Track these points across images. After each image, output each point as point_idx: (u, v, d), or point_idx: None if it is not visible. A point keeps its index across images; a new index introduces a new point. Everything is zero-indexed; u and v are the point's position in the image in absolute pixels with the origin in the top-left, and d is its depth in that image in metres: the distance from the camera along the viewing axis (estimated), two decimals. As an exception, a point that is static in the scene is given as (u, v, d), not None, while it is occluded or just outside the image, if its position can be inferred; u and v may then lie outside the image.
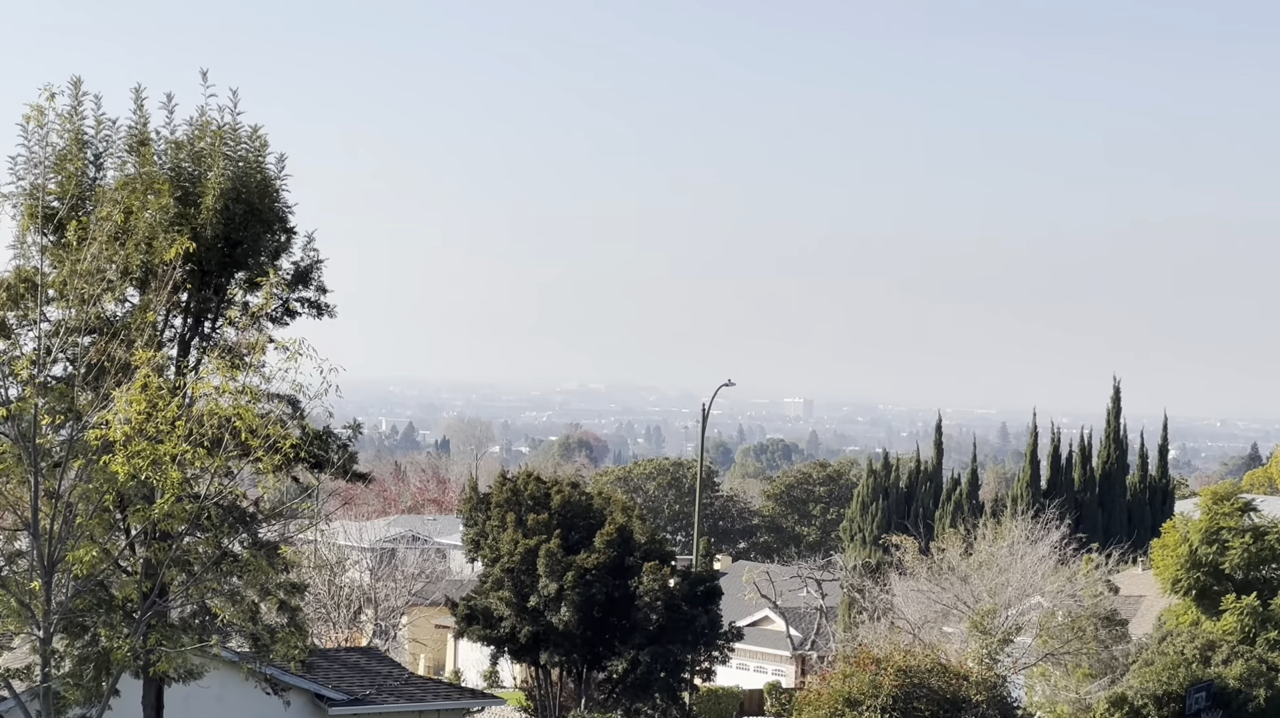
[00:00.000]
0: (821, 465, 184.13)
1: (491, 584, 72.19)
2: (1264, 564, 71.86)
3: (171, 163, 43.20)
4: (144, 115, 43.54)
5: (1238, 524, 72.29)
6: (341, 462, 44.76)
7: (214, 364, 35.15)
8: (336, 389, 34.07)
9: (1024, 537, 72.59)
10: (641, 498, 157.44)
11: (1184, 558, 71.87)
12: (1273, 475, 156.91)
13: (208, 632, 41.58)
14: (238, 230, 42.90)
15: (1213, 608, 71.12)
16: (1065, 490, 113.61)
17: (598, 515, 73.74)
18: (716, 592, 74.60)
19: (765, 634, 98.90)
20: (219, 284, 43.37)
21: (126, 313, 40.57)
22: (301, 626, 44.91)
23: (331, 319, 45.34)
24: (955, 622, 70.21)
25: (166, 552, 37.34)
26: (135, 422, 33.22)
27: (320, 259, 45.09)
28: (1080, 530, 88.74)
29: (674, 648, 71.62)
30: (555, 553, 70.60)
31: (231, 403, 34.43)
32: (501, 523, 72.78)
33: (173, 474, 33.81)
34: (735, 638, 75.94)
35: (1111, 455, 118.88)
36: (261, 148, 43.74)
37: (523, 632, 71.43)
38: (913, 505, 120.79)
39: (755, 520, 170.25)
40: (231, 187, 42.71)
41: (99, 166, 42.78)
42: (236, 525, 41.54)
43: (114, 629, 38.00)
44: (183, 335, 43.46)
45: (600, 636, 71.95)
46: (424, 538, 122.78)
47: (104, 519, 36.42)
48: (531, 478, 76.05)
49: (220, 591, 41.62)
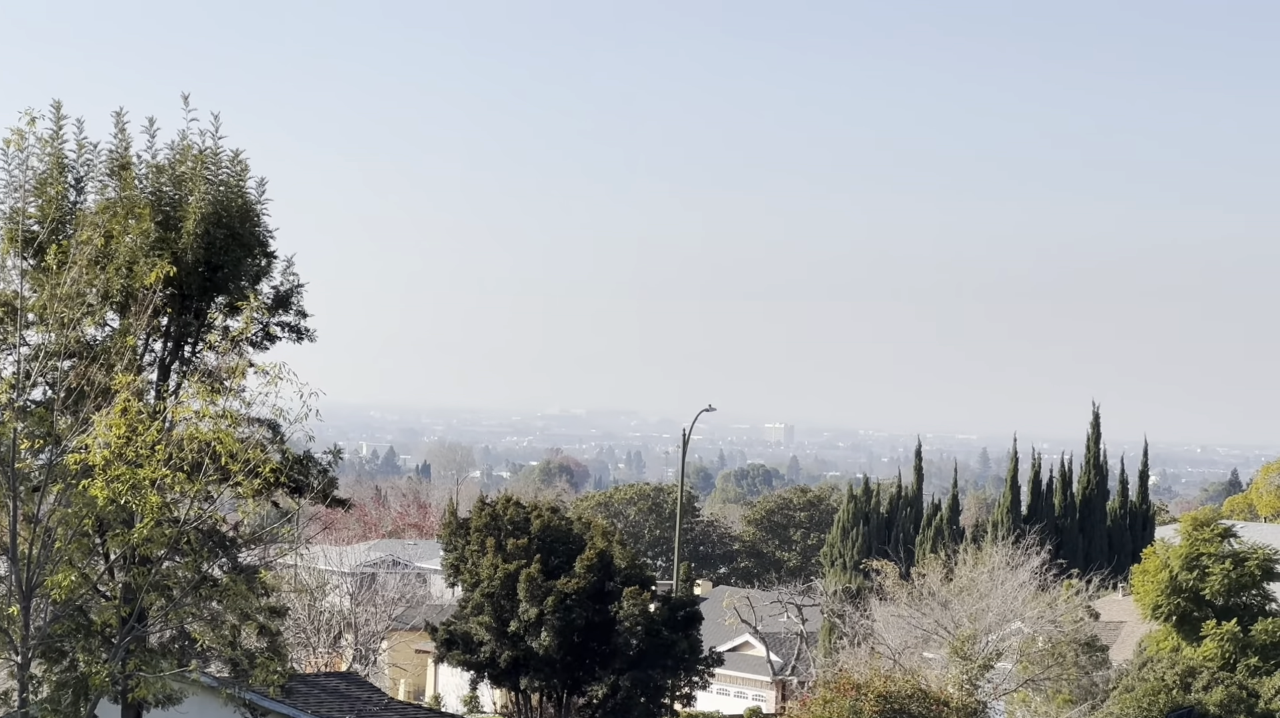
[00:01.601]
0: (802, 491, 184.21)
1: (471, 609, 72.10)
2: (1244, 590, 71.84)
3: (152, 187, 43.15)
4: (125, 139, 43.49)
5: (1218, 550, 72.29)
6: (322, 486, 44.69)
7: (194, 388, 35.21)
8: (317, 414, 34.13)
9: (1004, 562, 72.65)
10: (622, 523, 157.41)
11: (1164, 584, 71.88)
12: (1253, 501, 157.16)
13: (187, 657, 41.47)
14: (218, 255, 42.85)
15: (1193, 634, 71.12)
16: (1046, 516, 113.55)
17: (578, 541, 73.70)
18: (697, 617, 74.57)
19: (746, 660, 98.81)
20: (199, 308, 43.29)
21: (106, 337, 40.49)
22: (281, 650, 44.77)
23: (312, 344, 45.29)
24: (936, 647, 70.21)
25: (146, 576, 37.26)
26: (115, 446, 33.21)
27: (300, 284, 45.05)
28: (1061, 556, 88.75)
29: (654, 673, 71.58)
30: (535, 578, 70.53)
31: (211, 427, 34.44)
32: (481, 548, 72.71)
33: (152, 499, 33.78)
34: (716, 663, 75.89)
35: (1092, 481, 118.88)
36: (242, 172, 43.72)
37: (503, 657, 71.34)
38: (893, 531, 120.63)
39: (736, 546, 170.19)
40: (212, 211, 42.67)
41: (80, 190, 42.71)
42: (216, 550, 41.46)
43: (93, 654, 37.89)
44: (163, 360, 43.37)
45: (580, 661, 71.88)
46: (404, 563, 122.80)
47: (83, 544, 36.35)
48: (511, 503, 76.01)
49: (200, 615, 41.55)
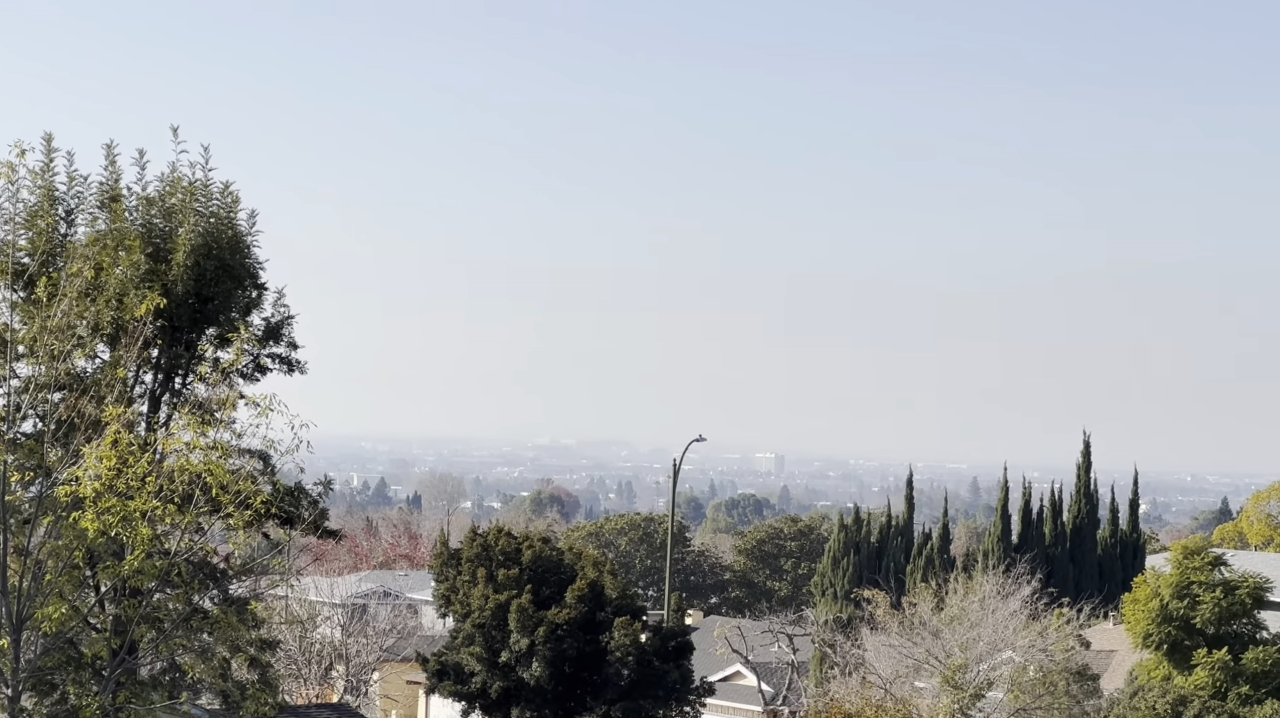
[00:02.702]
0: (793, 520, 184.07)
1: (463, 640, 72.01)
2: (1235, 619, 71.91)
3: (143, 219, 43.26)
4: (116, 171, 43.63)
5: (1209, 579, 72.36)
6: (312, 518, 44.76)
7: (185, 420, 35.16)
8: (307, 445, 34.13)
9: (995, 591, 72.65)
10: (613, 553, 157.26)
11: (1155, 613, 71.93)
12: (1243, 530, 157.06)
13: (178, 689, 41.40)
14: (209, 286, 42.93)
15: (1184, 663, 71.16)
16: (1036, 545, 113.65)
17: (569, 571, 73.63)
18: (688, 647, 74.48)
19: (737, 689, 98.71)
20: (190, 340, 43.35)
21: (97, 369, 40.49)
22: (272, 682, 44.74)
23: (303, 375, 45.39)
24: (927, 677, 70.20)
25: (136, 608, 37.23)
26: (105, 478, 33.20)
27: (291, 315, 45.18)
28: (1051, 585, 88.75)
29: (645, 704, 71.45)
30: (526, 608, 70.46)
31: (202, 459, 34.43)
32: (473, 578, 72.63)
33: (143, 531, 33.78)
34: (707, 693, 75.80)
35: (1082, 510, 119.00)
36: (233, 204, 43.84)
37: (494, 687, 71.23)
38: (884, 560, 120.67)
39: (727, 575, 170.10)
40: (203, 243, 42.77)
41: (70, 223, 42.82)
42: (207, 582, 41.46)
43: (83, 687, 37.84)
44: (153, 391, 43.44)
45: (572, 691, 71.77)
46: (395, 594, 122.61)
47: (73, 576, 36.32)
48: (503, 533, 75.93)
49: (190, 647, 41.50)
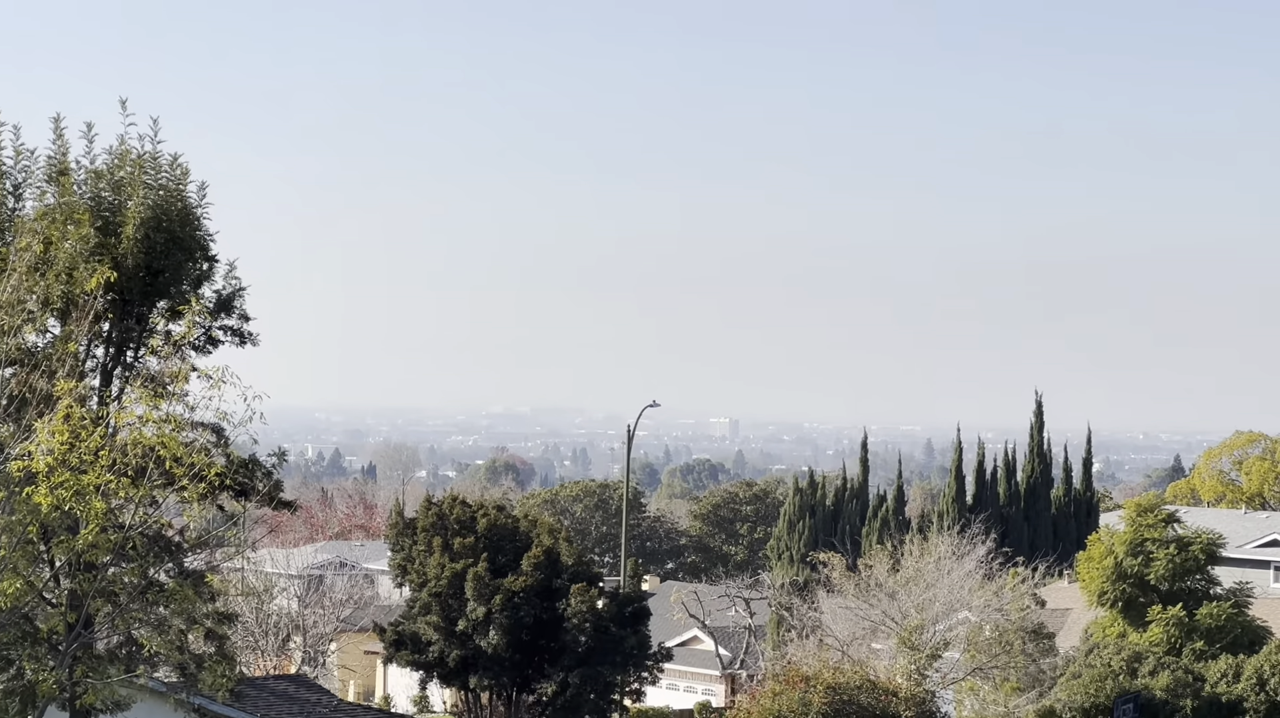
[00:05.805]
0: (748, 485, 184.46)
1: (419, 609, 72.06)
2: (1188, 575, 72.37)
3: (91, 192, 43.04)
4: (63, 145, 43.37)
5: (1162, 536, 72.81)
6: (267, 489, 44.68)
7: (137, 393, 35.06)
8: (261, 417, 34.09)
9: (950, 552, 72.88)
10: (568, 520, 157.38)
11: (1109, 570, 72.35)
12: (1196, 487, 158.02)
13: (134, 662, 41.33)
14: (159, 259, 42.76)
15: (1139, 620, 71.59)
16: (990, 505, 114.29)
17: (525, 538, 73.71)
18: (645, 613, 74.67)
19: (694, 654, 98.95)
20: (141, 313, 43.19)
21: (48, 344, 40.33)
22: (229, 654, 44.73)
23: (255, 347, 45.23)
24: (883, 638, 70.43)
25: (91, 583, 37.15)
26: (58, 453, 33.08)
27: (242, 287, 45.02)
28: (1006, 545, 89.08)
29: (603, 670, 71.64)
30: (482, 577, 70.53)
31: (155, 432, 34.35)
32: (428, 548, 72.67)
33: (97, 505, 33.68)
34: (664, 659, 76.02)
35: (1035, 470, 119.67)
36: (182, 176, 43.64)
37: (451, 656, 71.31)
38: (839, 523, 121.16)
39: (683, 541, 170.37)
40: (152, 215, 42.57)
41: (18, 197, 42.57)
42: (162, 555, 41.33)
43: (39, 662, 37.74)
44: (105, 365, 43.27)
45: (529, 658, 71.92)
46: (352, 564, 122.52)
47: (28, 551, 36.18)
48: (457, 502, 75.97)
49: (147, 620, 41.40)
